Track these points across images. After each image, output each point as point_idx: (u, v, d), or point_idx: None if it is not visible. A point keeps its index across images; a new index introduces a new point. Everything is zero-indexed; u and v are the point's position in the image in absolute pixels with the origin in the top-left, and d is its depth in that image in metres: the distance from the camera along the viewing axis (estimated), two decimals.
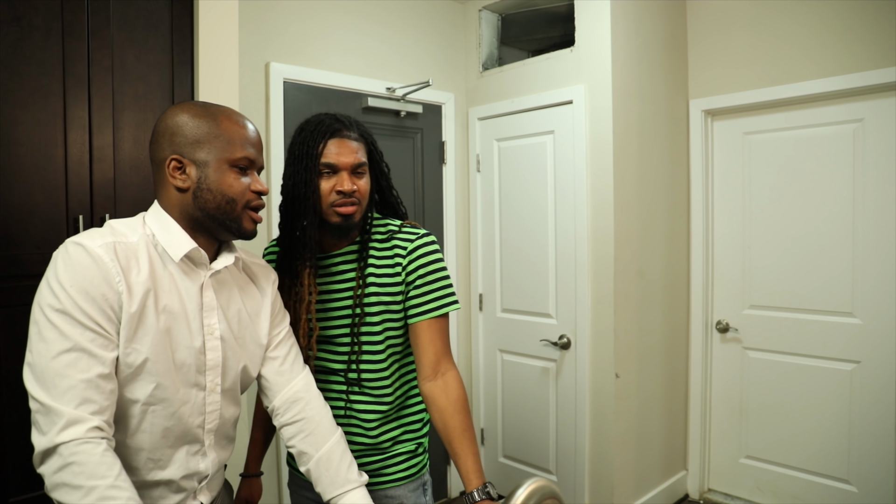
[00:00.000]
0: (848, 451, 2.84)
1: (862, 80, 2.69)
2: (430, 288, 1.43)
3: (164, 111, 1.18)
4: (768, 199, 3.06)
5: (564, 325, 3.02)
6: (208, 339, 1.16)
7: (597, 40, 2.81)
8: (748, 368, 3.17)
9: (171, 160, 1.13)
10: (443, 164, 3.28)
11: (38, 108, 1.73)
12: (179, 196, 1.14)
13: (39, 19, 1.71)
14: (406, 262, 1.42)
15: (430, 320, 1.42)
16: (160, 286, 1.11)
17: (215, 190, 1.14)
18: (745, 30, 3.03)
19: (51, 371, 0.98)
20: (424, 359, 1.40)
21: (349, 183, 1.37)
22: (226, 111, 1.18)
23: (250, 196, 1.17)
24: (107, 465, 0.97)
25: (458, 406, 1.36)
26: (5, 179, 1.68)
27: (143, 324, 1.07)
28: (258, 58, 2.55)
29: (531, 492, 0.55)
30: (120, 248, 1.07)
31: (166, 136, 1.14)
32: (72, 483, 0.95)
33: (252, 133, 1.19)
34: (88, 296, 1.01)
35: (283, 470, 2.61)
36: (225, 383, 1.20)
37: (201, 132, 1.14)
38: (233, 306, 1.23)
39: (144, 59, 1.92)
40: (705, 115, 3.23)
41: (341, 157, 1.38)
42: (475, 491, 1.27)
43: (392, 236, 1.45)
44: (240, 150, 1.16)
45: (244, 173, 1.17)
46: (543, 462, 3.16)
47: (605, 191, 2.82)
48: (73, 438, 0.96)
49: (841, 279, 2.84)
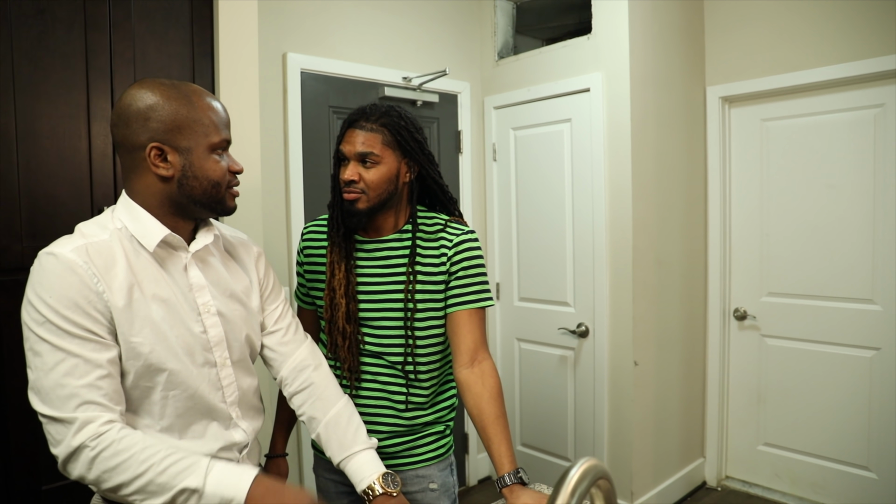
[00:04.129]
0: (868, 438, 2.83)
1: (882, 65, 2.65)
2: (471, 281, 1.47)
3: (130, 91, 1.11)
4: (786, 186, 3.04)
5: (582, 314, 3.02)
6: (206, 317, 1.17)
7: (614, 28, 2.79)
8: (766, 356, 3.16)
9: (153, 148, 1.09)
10: (459, 154, 3.28)
11: (61, 101, 1.74)
12: (161, 185, 1.11)
13: (63, 12, 1.72)
14: (451, 254, 1.46)
15: (470, 311, 1.45)
16: (143, 277, 1.10)
17: (201, 177, 1.12)
18: (762, 15, 3.00)
19: (49, 383, 0.99)
20: (462, 346, 1.43)
21: (350, 172, 1.41)
22: (196, 91, 1.14)
23: (230, 177, 1.18)
24: (133, 437, 1.01)
25: (493, 393, 1.38)
26: (31, 172, 1.70)
27: (138, 316, 1.07)
28: (275, 48, 2.56)
29: (584, 471, 0.55)
30: (92, 248, 1.05)
31: (140, 121, 1.08)
32: (112, 464, 0.97)
33: (224, 113, 1.18)
34: (70, 303, 1.00)
35: (305, 453, 2.64)
36: (233, 356, 1.21)
37: (180, 117, 1.09)
38: (221, 281, 1.23)
39: (165, 50, 1.92)
40: (722, 101, 3.20)
41: (347, 146, 1.43)
42: (507, 475, 1.28)
43: (440, 231, 1.49)
44: (219, 134, 1.14)
45: (221, 155, 1.16)
46: (562, 450, 3.17)
47: (623, 179, 2.80)
48: (90, 435, 0.98)
49: (860, 266, 2.82)
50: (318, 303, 1.56)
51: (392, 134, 1.43)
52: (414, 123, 1.47)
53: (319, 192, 2.69)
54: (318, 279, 1.55)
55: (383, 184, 1.43)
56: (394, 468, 1.48)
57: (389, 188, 1.44)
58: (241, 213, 2.01)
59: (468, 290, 1.46)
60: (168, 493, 0.98)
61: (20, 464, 1.67)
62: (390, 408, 1.48)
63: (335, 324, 1.48)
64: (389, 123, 1.44)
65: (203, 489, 0.99)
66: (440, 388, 1.55)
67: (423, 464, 1.51)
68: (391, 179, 1.44)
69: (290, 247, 2.61)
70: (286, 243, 2.61)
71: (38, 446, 1.69)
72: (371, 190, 1.42)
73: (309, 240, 1.59)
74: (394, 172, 1.44)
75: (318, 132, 2.71)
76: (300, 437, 2.64)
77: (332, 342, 1.50)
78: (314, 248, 1.57)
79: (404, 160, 1.46)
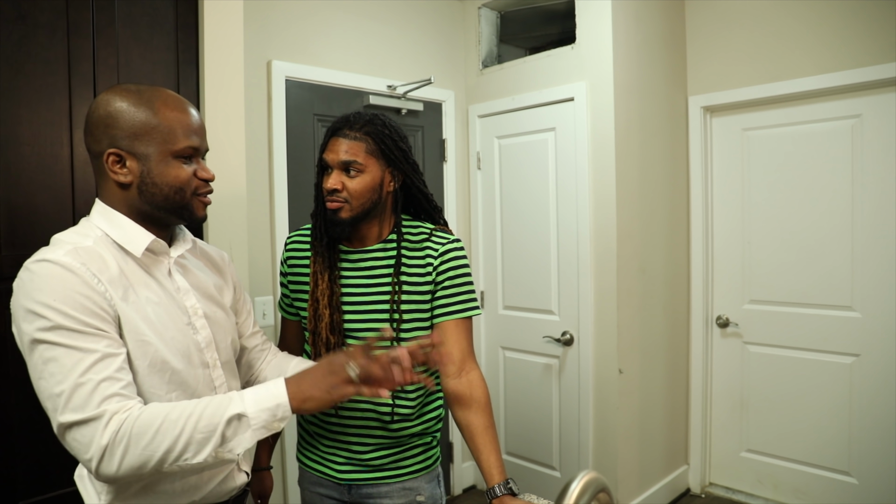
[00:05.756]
0: (848, 444, 2.86)
1: (860, 77, 2.71)
2: (458, 290, 1.46)
3: (98, 98, 1.11)
4: (767, 195, 3.08)
5: (567, 322, 3.02)
6: (195, 319, 1.17)
7: (598, 38, 2.81)
8: (748, 363, 3.20)
9: (110, 154, 1.08)
10: (443, 162, 3.28)
11: (43, 107, 1.71)
12: (122, 192, 1.11)
13: (44, 17, 1.69)
14: (437, 264, 1.45)
15: (457, 321, 1.45)
16: (134, 280, 1.09)
17: (161, 183, 1.11)
18: (743, 26, 3.05)
19: (70, 385, 0.95)
20: (450, 357, 1.42)
21: (332, 180, 1.40)
22: (163, 97, 1.13)
23: (197, 184, 1.15)
24: (155, 405, 1.00)
25: (482, 404, 1.39)
26: (11, 179, 1.66)
27: (137, 317, 1.06)
28: (260, 56, 2.54)
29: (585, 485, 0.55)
30: (83, 252, 1.04)
31: (101, 128, 1.08)
32: (150, 435, 0.96)
33: (194, 119, 1.15)
34: (76, 303, 0.98)
35: (289, 466, 2.61)
36: (222, 357, 1.22)
37: (139, 123, 1.08)
38: (202, 285, 1.24)
39: (150, 57, 1.90)
40: (704, 111, 3.25)
41: (330, 154, 1.41)
42: (497, 486, 1.28)
43: (425, 240, 1.48)
44: (182, 140, 1.12)
45: (189, 161, 1.14)
46: (547, 458, 3.17)
47: (608, 187, 2.82)
48: (119, 423, 0.96)
49: (840, 273, 2.87)
50: (301, 313, 1.54)
51: (376, 142, 1.42)
52: (398, 132, 1.46)
53: (304, 200, 2.67)
54: (301, 289, 1.53)
55: (367, 193, 1.41)
56: (381, 481, 1.47)
57: (373, 197, 1.43)
58: (226, 221, 2.00)
59: (455, 300, 1.45)
60: (217, 432, 0.98)
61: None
62: (376, 419, 1.46)
63: (319, 335, 1.46)
64: (374, 132, 1.42)
65: (246, 411, 1.00)
66: (426, 399, 1.53)
67: (411, 476, 1.49)
68: (375, 188, 1.42)
69: (274, 255, 2.58)
70: (270, 251, 2.59)
71: (15, 458, 1.65)
72: (354, 199, 1.40)
73: (292, 250, 1.57)
74: (378, 181, 1.43)
75: (302, 140, 2.69)
76: (284, 451, 2.61)
77: (315, 353, 1.48)
78: (298, 257, 1.55)
79: (388, 169, 1.44)
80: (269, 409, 1.01)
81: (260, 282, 2.53)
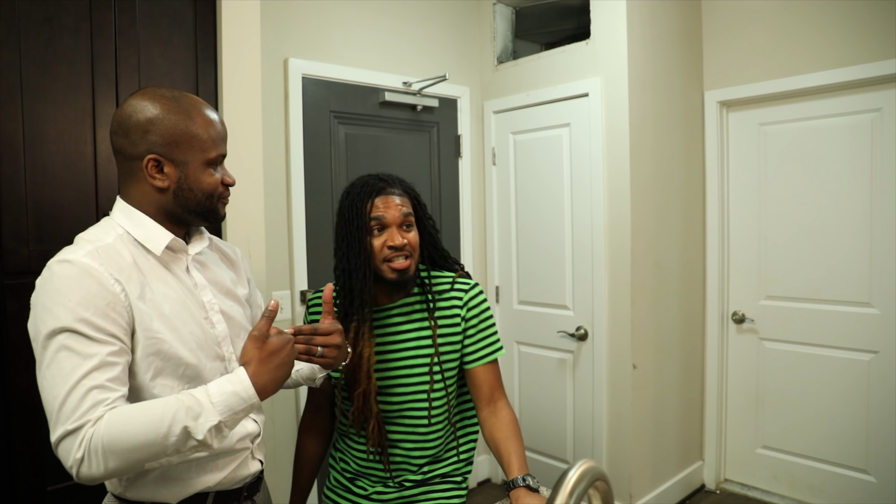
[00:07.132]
0: (866, 441, 2.84)
1: (879, 70, 2.68)
2: (485, 335, 1.53)
3: (132, 101, 1.15)
4: (784, 190, 3.06)
5: (581, 317, 3.04)
6: (212, 314, 1.22)
7: (613, 33, 2.81)
8: (764, 359, 3.18)
9: (150, 160, 1.12)
10: (459, 158, 3.30)
11: (68, 106, 1.76)
12: (157, 195, 1.16)
13: (69, 19, 1.74)
14: (465, 312, 1.51)
15: (486, 365, 1.51)
16: (152, 277, 1.13)
17: (196, 189, 1.17)
18: (759, 20, 3.03)
19: (63, 395, 0.97)
20: (481, 393, 1.50)
21: (399, 237, 1.41)
22: (196, 104, 1.17)
23: (222, 189, 1.22)
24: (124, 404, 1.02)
25: (506, 421, 1.45)
26: (38, 177, 1.72)
27: (152, 313, 1.10)
28: (277, 54, 2.58)
29: (582, 473, 0.57)
30: (102, 251, 1.08)
31: (139, 133, 1.12)
32: (119, 428, 0.96)
33: (221, 127, 1.21)
34: (91, 306, 1.01)
35: None
36: (237, 350, 1.26)
37: (179, 132, 1.13)
38: (218, 281, 1.28)
39: (169, 56, 1.95)
40: (720, 106, 3.23)
41: (388, 211, 1.41)
42: (517, 478, 1.32)
43: (449, 290, 1.52)
44: (215, 150, 1.18)
45: (216, 167, 1.20)
46: (560, 453, 3.19)
47: (622, 182, 2.83)
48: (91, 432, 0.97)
49: (858, 269, 2.84)
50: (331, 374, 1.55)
51: (411, 199, 1.48)
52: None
53: (320, 195, 2.72)
54: None
55: (419, 246, 1.48)
56: None
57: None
58: (244, 216, 2.05)
59: (483, 345, 1.52)
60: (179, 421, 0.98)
61: (25, 463, 1.69)
62: (405, 463, 1.53)
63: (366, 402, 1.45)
64: (409, 189, 1.50)
65: (221, 422, 1.01)
66: (448, 443, 1.58)
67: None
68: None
69: (291, 250, 2.63)
70: (287, 246, 2.63)
71: (44, 446, 1.70)
72: (415, 252, 1.45)
73: (317, 312, 1.57)
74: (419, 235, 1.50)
75: (319, 137, 2.73)
76: None
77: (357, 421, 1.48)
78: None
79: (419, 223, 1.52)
80: (241, 408, 1.03)
81: (277, 276, 2.58)
